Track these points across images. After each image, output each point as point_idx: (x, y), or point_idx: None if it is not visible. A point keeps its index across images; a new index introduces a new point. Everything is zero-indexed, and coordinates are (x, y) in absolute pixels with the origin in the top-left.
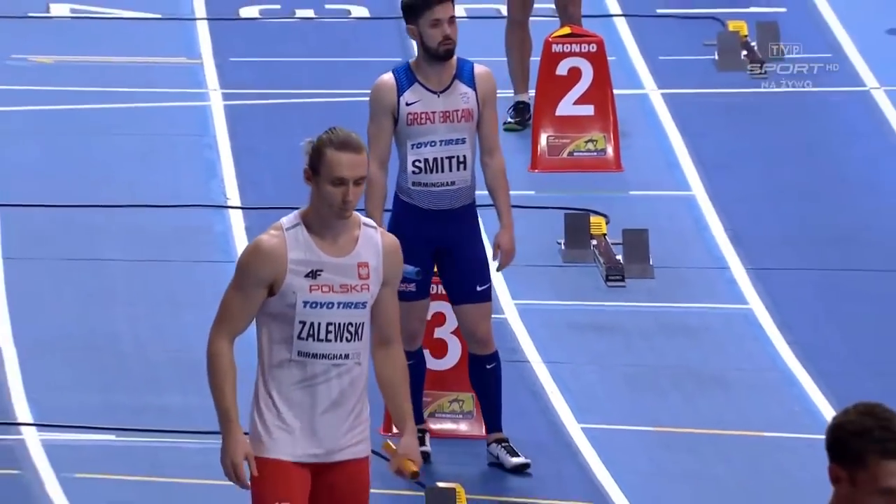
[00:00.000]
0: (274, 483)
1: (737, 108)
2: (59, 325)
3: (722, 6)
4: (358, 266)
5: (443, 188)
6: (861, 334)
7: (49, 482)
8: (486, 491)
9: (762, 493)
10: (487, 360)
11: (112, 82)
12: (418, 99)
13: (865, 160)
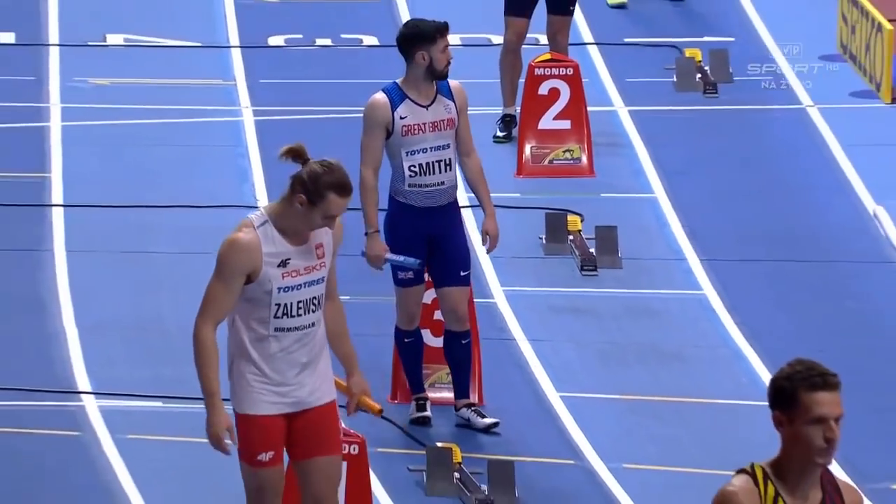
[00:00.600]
0: (258, 436)
1: (692, 123)
2: (114, 309)
3: (679, 36)
4: (315, 248)
5: (434, 188)
6: (800, 316)
7: (105, 442)
8: (477, 450)
9: (716, 451)
10: (463, 336)
11: (159, 101)
12: (410, 113)
13: (802, 167)
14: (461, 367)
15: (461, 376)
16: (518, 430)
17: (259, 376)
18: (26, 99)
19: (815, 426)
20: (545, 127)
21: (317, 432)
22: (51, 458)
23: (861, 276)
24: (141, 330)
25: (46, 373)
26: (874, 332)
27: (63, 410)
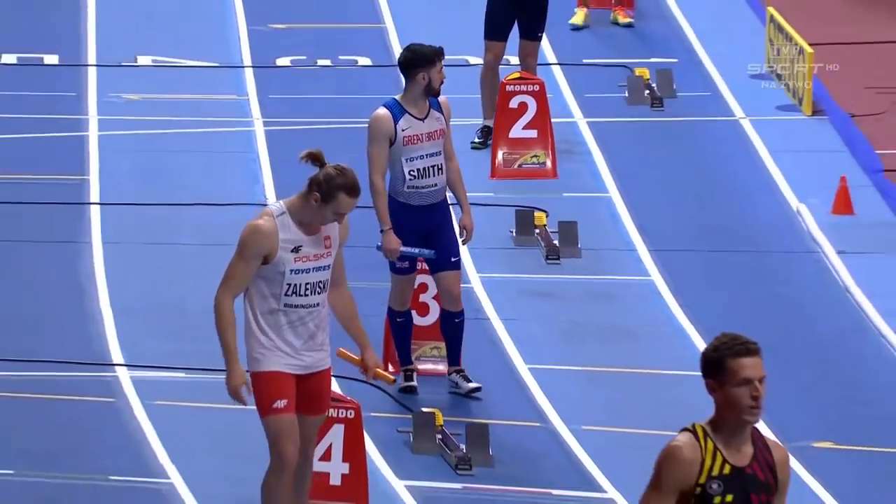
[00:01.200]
0: (273, 387)
1: (642, 132)
2: (143, 293)
3: (630, 57)
4: (324, 239)
5: (429, 189)
6: (734, 298)
7: (136, 407)
8: (457, 414)
9: (662, 414)
10: (457, 315)
11: (182, 113)
12: (409, 125)
13: (735, 171)
14: (454, 340)
15: (453, 348)
16: (492, 398)
17: (270, 342)
18: (68, 112)
19: (743, 387)
20: (515, 136)
21: (314, 395)
22: (89, 421)
23: (786, 264)
24: (166, 311)
25: (85, 348)
26: (797, 312)
27: (99, 380)
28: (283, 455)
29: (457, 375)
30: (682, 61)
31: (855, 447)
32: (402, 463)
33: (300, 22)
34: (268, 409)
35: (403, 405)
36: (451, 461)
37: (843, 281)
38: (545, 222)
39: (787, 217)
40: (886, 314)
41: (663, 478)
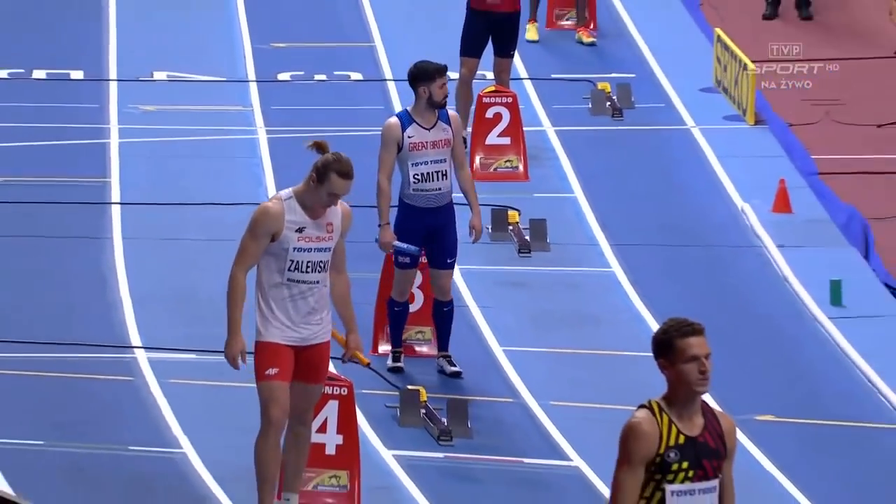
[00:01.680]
0: (268, 356)
1: (603, 140)
2: (159, 282)
3: (593, 73)
4: (326, 225)
5: (433, 192)
6: (685, 287)
7: (152, 385)
8: (439, 391)
9: (621, 392)
10: (446, 304)
11: (193, 123)
12: (416, 133)
13: (687, 174)
14: (443, 327)
15: (443, 334)
16: (470, 376)
17: (273, 314)
18: (92, 122)
19: (691, 363)
20: (491, 143)
21: (312, 365)
22: (110, 398)
23: (732, 257)
24: (179, 299)
25: (107, 332)
26: (741, 299)
27: (119, 361)
28: (270, 417)
29: (443, 360)
30: (639, 76)
31: (793, 419)
32: (389, 435)
33: (299, 41)
34: (261, 375)
35: (391, 383)
36: (434, 433)
37: (781, 271)
38: (517, 220)
39: (732, 215)
40: (820, 301)
41: (630, 453)
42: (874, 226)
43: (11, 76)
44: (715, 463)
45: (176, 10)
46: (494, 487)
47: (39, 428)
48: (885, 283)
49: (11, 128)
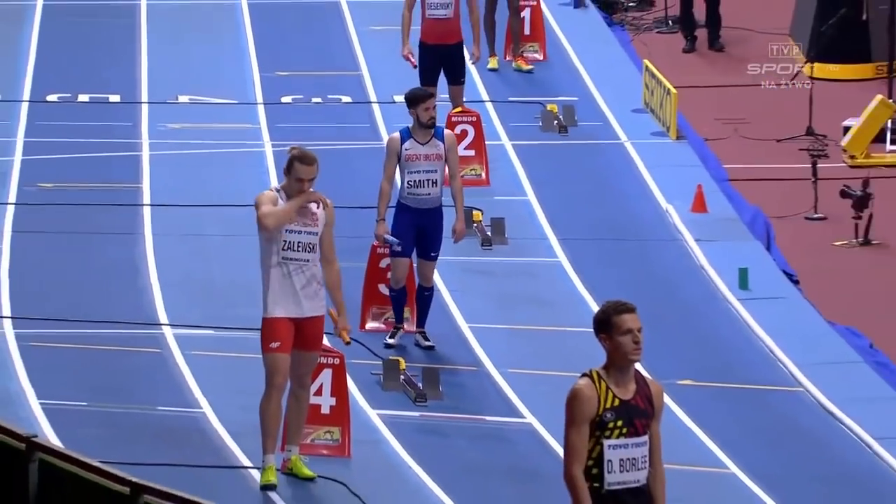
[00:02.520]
0: (272, 331)
1: (551, 152)
2: (183, 271)
3: (543, 96)
4: (311, 214)
5: (423, 196)
6: (621, 274)
7: (177, 356)
8: (415, 362)
9: (568, 361)
10: (427, 290)
11: (211, 138)
12: (411, 147)
13: (621, 180)
14: (422, 308)
15: (421, 314)
16: (441, 349)
17: (275, 291)
18: (127, 137)
19: (626, 335)
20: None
21: (310, 336)
22: (142, 367)
23: (658, 249)
24: (200, 284)
25: (139, 312)
26: (666, 284)
27: (150, 336)
28: (273, 382)
29: (419, 335)
30: (581, 99)
31: (708, 383)
32: (374, 397)
33: (299, 70)
34: (266, 348)
35: (375, 354)
36: (411, 396)
37: (698, 261)
38: (481, 218)
39: (658, 214)
40: (730, 286)
41: (575, 414)
42: (775, 223)
43: (61, 100)
44: (645, 421)
45: (196, 44)
46: (461, 441)
47: (82, 391)
48: (784, 270)
49: (60, 142)
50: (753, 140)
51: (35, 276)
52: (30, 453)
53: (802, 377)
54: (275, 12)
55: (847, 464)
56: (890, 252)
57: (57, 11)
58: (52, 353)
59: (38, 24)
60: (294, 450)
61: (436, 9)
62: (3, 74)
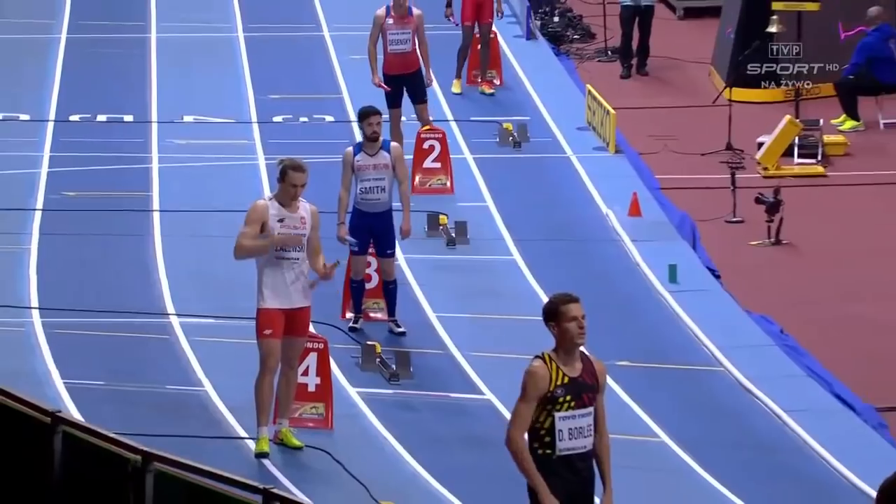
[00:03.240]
0: (265, 320)
1: (507, 164)
2: (188, 267)
3: (500, 116)
4: (300, 218)
5: (374, 201)
6: (568, 271)
7: (183, 342)
8: (390, 346)
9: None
10: (390, 283)
11: (212, 152)
12: (362, 159)
13: (567, 188)
14: (389, 299)
15: (390, 304)
16: (412, 335)
17: (269, 285)
18: (139, 152)
19: (572, 322)
20: (427, 166)
21: (298, 323)
22: (152, 351)
23: (599, 249)
24: (202, 279)
25: (150, 303)
26: (606, 278)
27: (158, 323)
28: (266, 365)
29: (391, 323)
30: (533, 119)
31: (642, 364)
32: (353, 376)
33: (288, 94)
34: (261, 334)
35: (355, 339)
36: (386, 376)
37: (634, 258)
38: (446, 222)
39: (599, 218)
40: (661, 280)
41: (528, 390)
42: (700, 226)
43: (82, 119)
44: (591, 395)
45: (199, 71)
46: (428, 414)
47: (100, 372)
48: (707, 266)
49: (82, 156)
50: (681, 154)
51: (60, 273)
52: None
53: (723, 358)
54: (267, 44)
55: (761, 432)
56: (797, 251)
57: (78, 44)
58: (74, 339)
59: (62, 55)
60: (284, 423)
61: (396, 45)
62: (32, 98)
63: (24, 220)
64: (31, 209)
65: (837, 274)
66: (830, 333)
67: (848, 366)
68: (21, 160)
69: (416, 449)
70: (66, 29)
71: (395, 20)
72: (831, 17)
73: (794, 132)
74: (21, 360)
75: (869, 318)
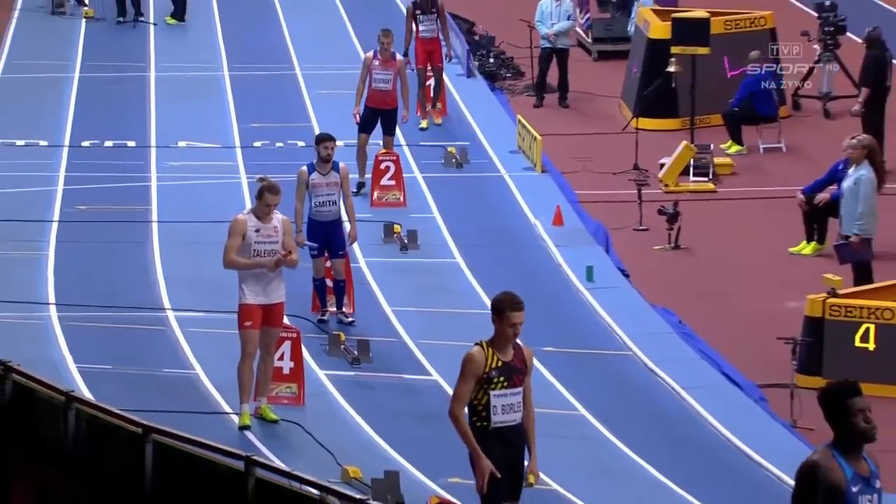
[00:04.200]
0: (245, 314)
1: (451, 182)
2: (182, 269)
3: (445, 141)
4: (273, 228)
5: (326, 213)
6: (503, 272)
7: (177, 332)
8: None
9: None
10: (340, 281)
11: (202, 171)
12: (316, 177)
13: (502, 202)
14: (338, 295)
15: (338, 299)
16: (370, 326)
17: (246, 286)
18: (140, 172)
19: (511, 327)
20: (383, 184)
21: (273, 316)
22: (150, 339)
23: (528, 253)
24: (195, 279)
25: (149, 299)
26: (534, 278)
27: (156, 316)
28: (247, 351)
29: (340, 314)
30: (472, 144)
31: (565, 349)
32: (321, 361)
33: (266, 123)
34: (242, 326)
35: (323, 330)
36: (349, 360)
37: (557, 261)
38: (399, 230)
39: (528, 227)
40: (580, 279)
41: (466, 372)
42: (612, 233)
43: (92, 145)
44: (520, 377)
45: (191, 104)
46: (385, 393)
47: (106, 358)
48: (618, 267)
49: (92, 176)
50: (596, 173)
51: (73, 274)
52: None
53: (631, 344)
54: (248, 81)
55: (664, 406)
56: (693, 254)
57: (89, 81)
58: (85, 331)
59: (76, 90)
60: (263, 400)
61: (379, 83)
62: (49, 126)
63: (42, 230)
64: (48, 220)
65: (726, 273)
66: (720, 322)
67: (734, 349)
68: (40, 179)
69: (375, 422)
70: (79, 69)
71: (380, 62)
72: (719, 59)
73: (689, 155)
74: (40, 348)
75: (751, 310)
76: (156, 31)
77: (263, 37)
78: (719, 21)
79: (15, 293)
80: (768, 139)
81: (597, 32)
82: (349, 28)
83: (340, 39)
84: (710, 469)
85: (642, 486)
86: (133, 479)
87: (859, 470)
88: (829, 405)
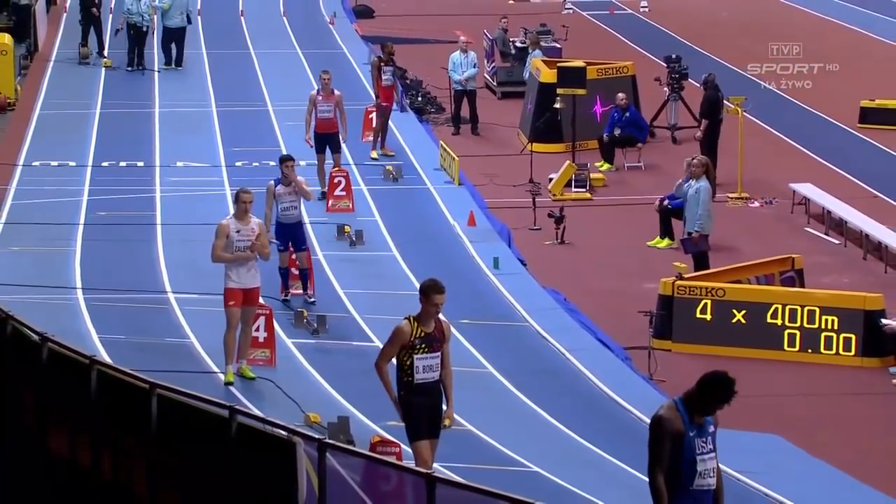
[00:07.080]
0: (229, 296)
1: (389, 193)
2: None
3: (384, 162)
4: (251, 228)
5: (290, 216)
6: (428, 263)
7: (177, 309)
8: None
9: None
10: (305, 270)
11: (195, 185)
12: (281, 189)
13: (428, 209)
14: (304, 280)
15: (304, 283)
16: (327, 305)
17: (231, 274)
18: (147, 185)
19: (434, 307)
20: (336, 194)
21: (251, 298)
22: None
23: (449, 249)
24: (192, 269)
25: (155, 284)
26: (455, 269)
27: (160, 297)
28: (230, 324)
29: (305, 296)
30: (405, 163)
31: (477, 321)
32: (289, 331)
33: (246, 147)
34: (226, 305)
35: (291, 308)
36: (311, 331)
37: (471, 254)
38: (349, 230)
39: (449, 227)
40: (488, 266)
41: (394, 339)
42: (513, 232)
43: (110, 164)
44: (439, 345)
45: (186, 133)
46: (338, 356)
47: (121, 330)
48: (518, 258)
49: (109, 189)
50: (501, 185)
51: (95, 265)
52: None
53: (528, 317)
54: (232, 115)
55: (553, 364)
56: (575, 248)
57: (108, 116)
58: (105, 309)
59: (97, 122)
60: (243, 362)
61: (323, 113)
62: (77, 150)
63: (71, 231)
64: (76, 224)
65: (599, 262)
66: (595, 300)
67: (605, 320)
68: (70, 191)
69: (331, 379)
70: (100, 106)
71: (323, 97)
72: (593, 98)
73: (571, 171)
74: (69, 322)
75: (618, 289)
76: (159, 76)
77: (243, 81)
78: (593, 69)
79: (50, 280)
80: (631, 159)
81: (500, 77)
82: (310, 75)
83: (303, 84)
84: (588, 412)
85: (536, 425)
86: (142, 424)
87: (696, 420)
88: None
